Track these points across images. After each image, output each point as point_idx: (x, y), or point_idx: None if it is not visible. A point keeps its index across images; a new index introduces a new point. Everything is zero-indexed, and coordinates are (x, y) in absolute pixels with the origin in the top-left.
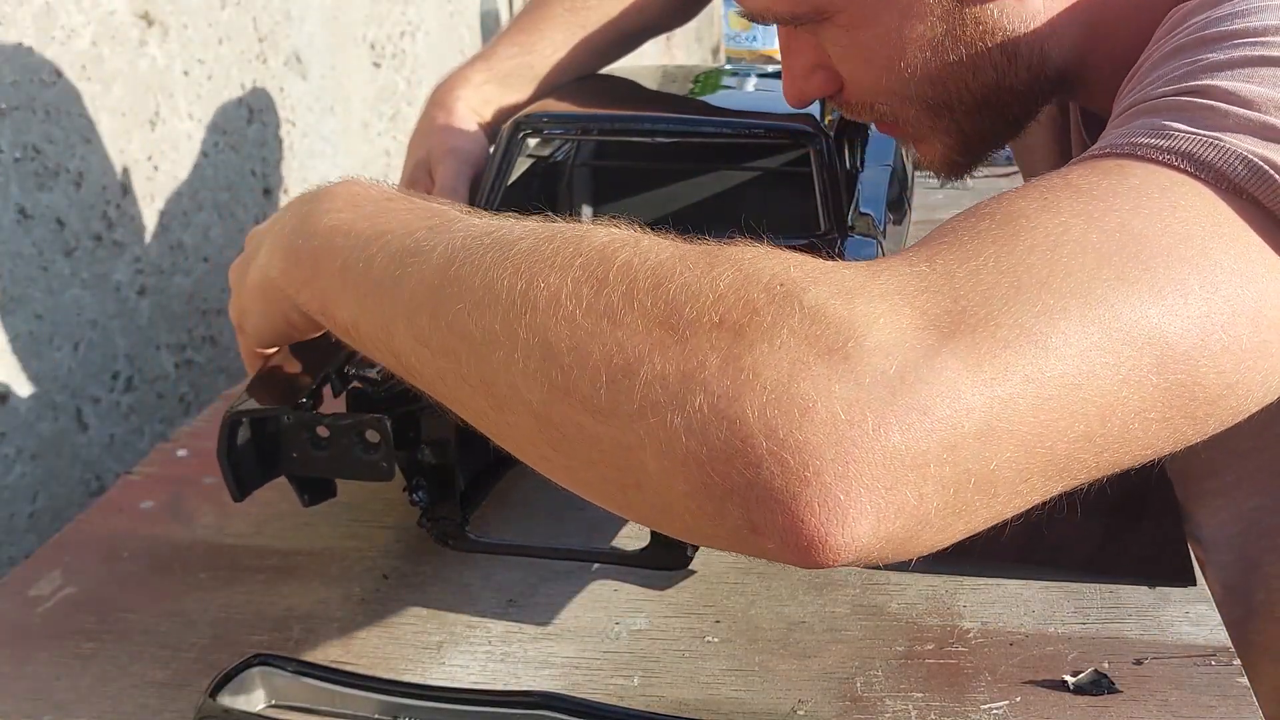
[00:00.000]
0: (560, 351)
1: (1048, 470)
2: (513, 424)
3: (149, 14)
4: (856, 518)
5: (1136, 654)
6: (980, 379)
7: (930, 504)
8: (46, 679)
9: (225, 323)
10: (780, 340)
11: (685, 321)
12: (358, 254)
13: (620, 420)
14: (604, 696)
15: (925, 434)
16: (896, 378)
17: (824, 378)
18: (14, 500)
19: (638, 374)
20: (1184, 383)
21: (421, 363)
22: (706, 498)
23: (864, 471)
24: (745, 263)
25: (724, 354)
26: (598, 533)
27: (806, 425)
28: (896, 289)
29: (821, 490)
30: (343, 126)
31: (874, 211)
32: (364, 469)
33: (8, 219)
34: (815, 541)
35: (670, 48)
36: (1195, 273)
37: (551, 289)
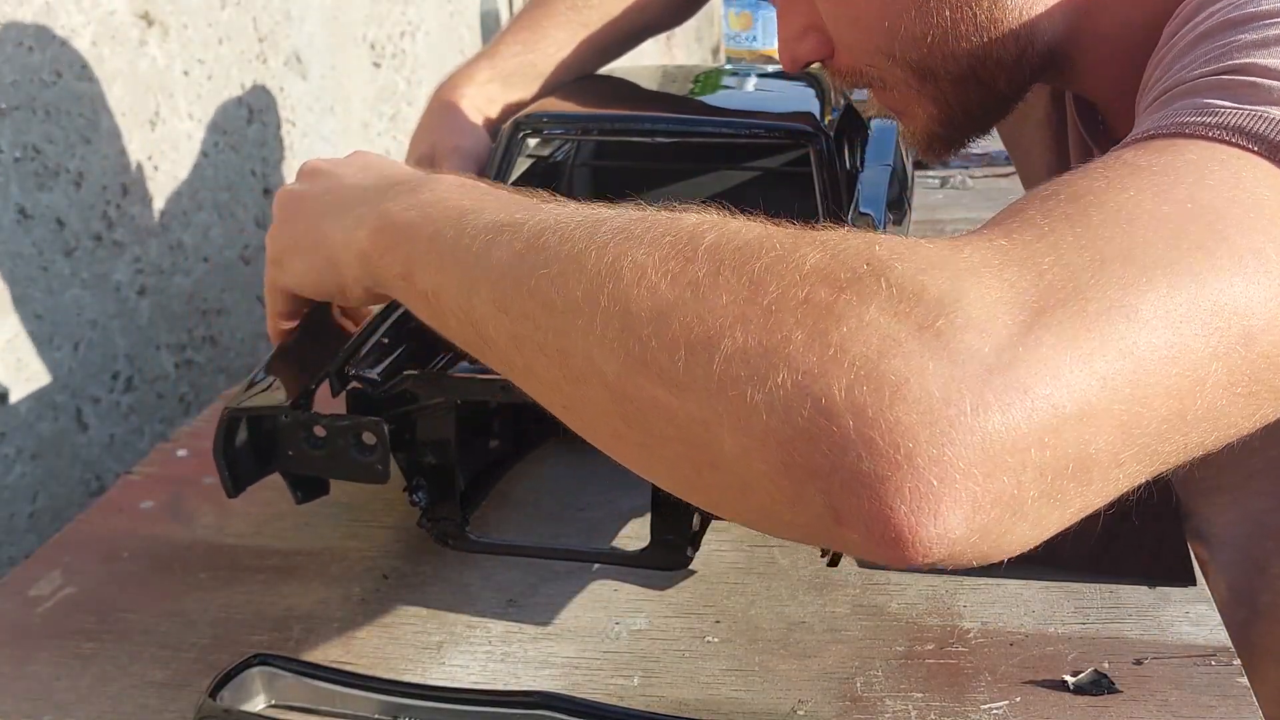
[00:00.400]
0: (640, 321)
1: (1140, 453)
2: (586, 397)
3: (149, 14)
4: (951, 507)
5: (1136, 654)
6: (1078, 355)
7: (1028, 492)
8: (46, 679)
9: (225, 322)
10: (869, 316)
11: (771, 297)
12: (451, 224)
13: (697, 394)
14: (604, 696)
15: (1026, 415)
16: (993, 355)
17: (916, 354)
18: (14, 500)
19: (719, 347)
20: (1269, 354)
21: (499, 331)
22: (786, 480)
23: (961, 455)
24: (831, 243)
25: (810, 330)
26: (598, 533)
27: (899, 404)
28: (981, 262)
29: (914, 475)
30: (343, 126)
31: (874, 211)
32: (359, 470)
33: (8, 219)
34: (904, 532)
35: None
36: (1270, 241)
37: (638, 262)
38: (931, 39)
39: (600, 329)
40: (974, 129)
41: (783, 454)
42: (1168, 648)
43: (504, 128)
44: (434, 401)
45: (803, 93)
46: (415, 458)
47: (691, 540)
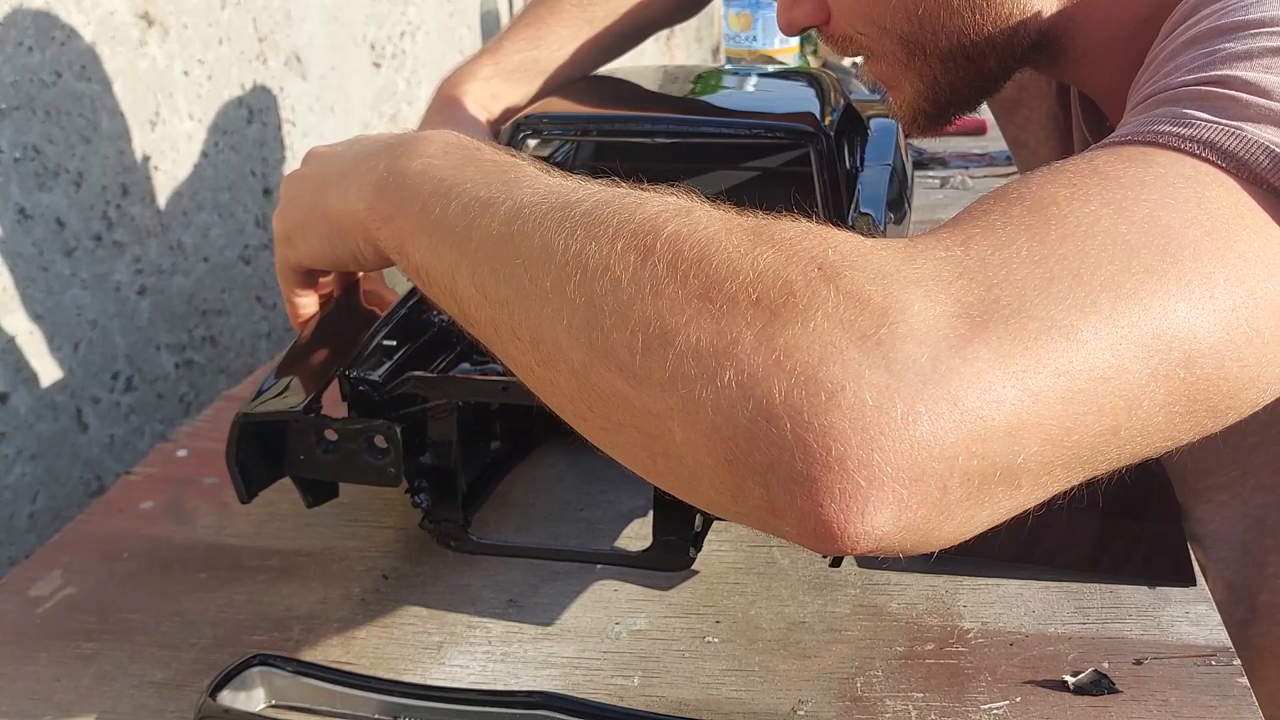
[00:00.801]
0: (603, 314)
1: (1071, 463)
2: (554, 381)
3: (149, 14)
4: (877, 506)
5: (1136, 654)
6: (1011, 371)
7: (953, 495)
8: (46, 679)
9: (225, 322)
10: (814, 323)
11: (724, 296)
12: (437, 199)
13: (652, 387)
14: (604, 696)
15: (954, 426)
16: (928, 366)
17: (855, 362)
18: (14, 500)
19: (673, 344)
20: (1210, 376)
21: (479, 311)
22: (729, 473)
23: (889, 460)
24: (787, 242)
25: (758, 332)
26: (598, 533)
27: (832, 409)
28: (932, 274)
29: (844, 476)
30: (343, 126)
31: (874, 211)
32: (371, 473)
33: (8, 219)
34: (833, 528)
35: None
36: (1221, 266)
37: (601, 254)
38: (923, 12)
39: (567, 319)
40: (960, 107)
41: (725, 449)
42: (1168, 648)
43: (504, 129)
44: (436, 403)
45: (803, 93)
46: (418, 459)
47: (694, 541)
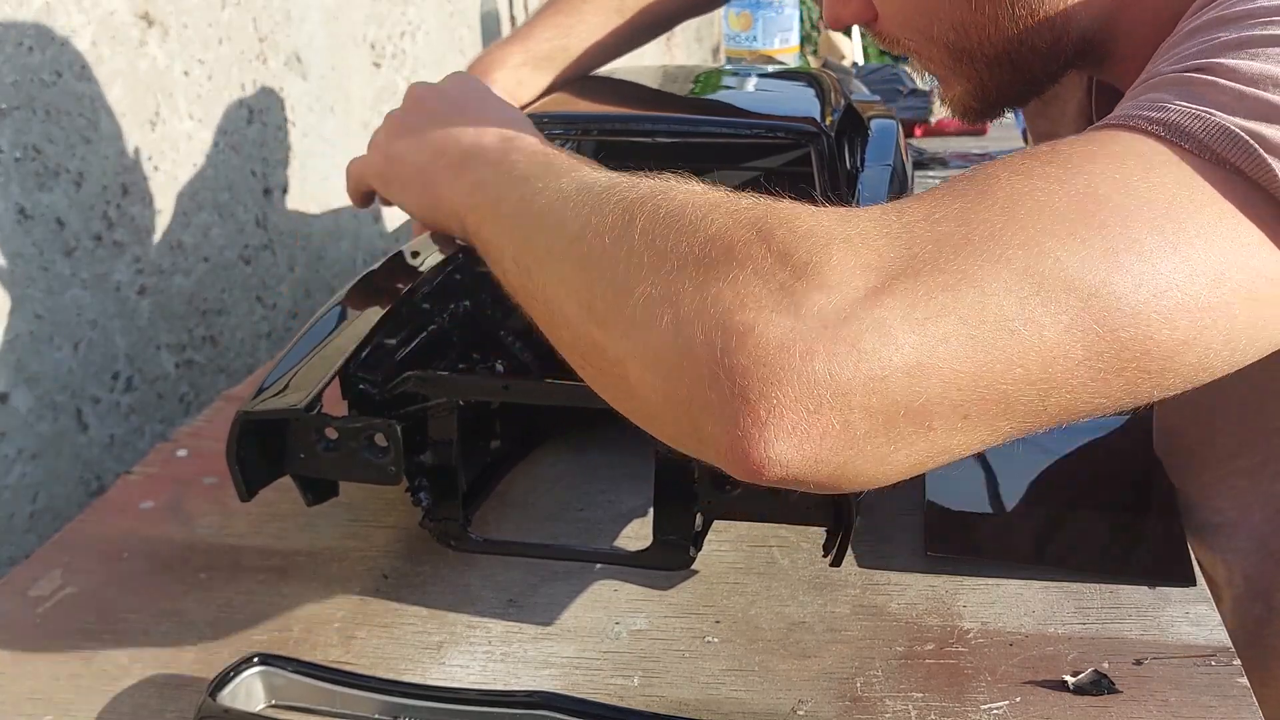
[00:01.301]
0: (589, 271)
1: (989, 409)
2: (561, 338)
3: (149, 14)
4: (777, 435)
5: (1136, 654)
6: (914, 317)
7: (858, 430)
8: (46, 679)
9: (225, 322)
10: (742, 275)
11: (678, 255)
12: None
13: (615, 333)
14: (604, 696)
15: (851, 365)
16: (832, 313)
17: (768, 309)
18: (14, 500)
19: (633, 294)
20: (1135, 337)
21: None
22: (668, 407)
23: (786, 393)
24: (738, 210)
25: (696, 283)
26: (598, 533)
27: (740, 350)
28: (859, 233)
29: (746, 407)
30: (343, 126)
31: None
32: (371, 472)
33: (8, 219)
34: (743, 454)
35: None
36: (1153, 233)
37: (596, 225)
38: (968, 22)
39: (568, 281)
40: (1008, 104)
41: (664, 386)
42: (1168, 648)
43: None
44: (436, 402)
45: (803, 93)
46: (418, 458)
47: (694, 541)
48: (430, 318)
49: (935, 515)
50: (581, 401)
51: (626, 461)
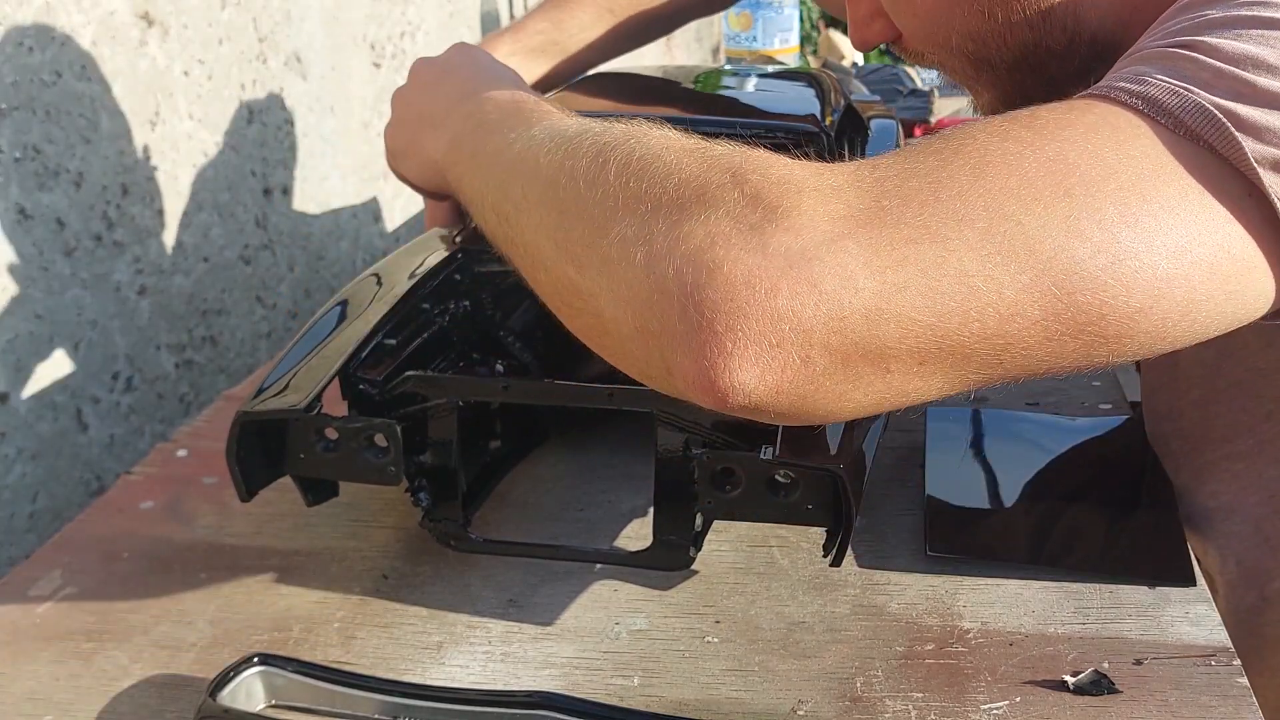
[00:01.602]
0: (565, 213)
1: (945, 358)
2: (539, 280)
3: (149, 14)
4: (740, 365)
5: (1136, 654)
6: (875, 265)
7: (818, 366)
8: (46, 679)
9: (225, 322)
10: (714, 216)
11: (651, 196)
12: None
13: (591, 271)
14: (604, 696)
15: (812, 304)
16: (798, 253)
17: (737, 247)
18: (14, 500)
19: (608, 234)
20: (1091, 303)
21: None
22: (640, 341)
23: (750, 327)
24: (714, 157)
25: (668, 222)
26: (598, 533)
27: (709, 284)
28: (831, 185)
29: (714, 337)
30: (343, 126)
31: None
32: (371, 472)
33: (8, 219)
34: (709, 382)
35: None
36: (1116, 203)
37: (572, 170)
38: (984, 34)
39: (542, 222)
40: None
41: (635, 319)
42: (1168, 648)
43: None
44: (436, 402)
45: (803, 92)
46: (418, 458)
47: (694, 541)
48: (430, 318)
49: (935, 515)
50: (581, 401)
51: (626, 461)
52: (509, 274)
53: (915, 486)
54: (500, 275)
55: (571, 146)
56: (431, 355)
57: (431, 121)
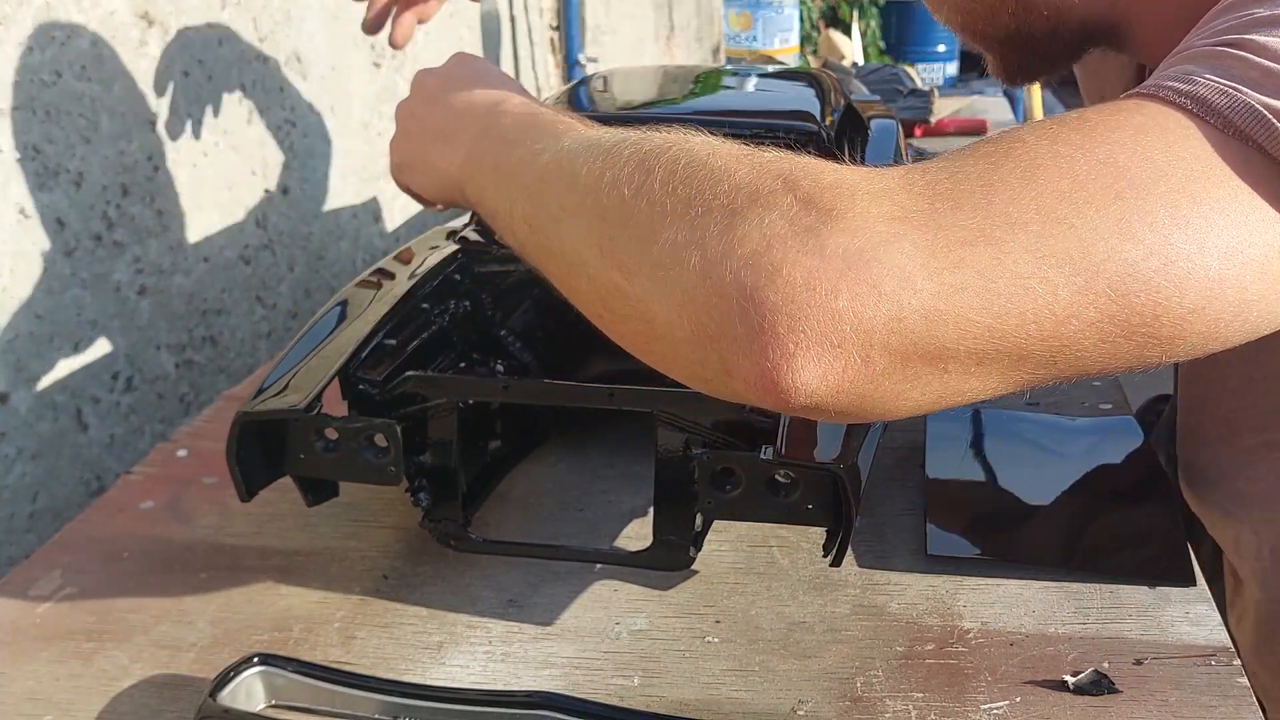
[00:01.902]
0: (610, 223)
1: (1002, 359)
2: (579, 288)
3: (149, 14)
4: (803, 365)
5: (1136, 654)
6: (932, 266)
7: (877, 366)
8: (46, 679)
9: (225, 322)
10: (769, 219)
11: (702, 202)
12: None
13: (640, 276)
14: (604, 696)
15: (872, 305)
16: (855, 254)
17: (795, 249)
18: (14, 500)
19: (658, 239)
20: (1145, 304)
21: (528, 239)
22: (695, 344)
23: (812, 328)
24: (762, 162)
25: (721, 226)
26: (598, 533)
27: (769, 286)
28: (882, 188)
29: (776, 339)
30: (343, 126)
31: None
32: (371, 472)
33: (8, 219)
34: (772, 383)
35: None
36: (1168, 205)
37: (612, 178)
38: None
39: (585, 231)
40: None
41: (692, 322)
42: (1168, 648)
43: None
44: (436, 402)
45: (803, 92)
46: (418, 459)
47: (694, 541)
48: (430, 318)
49: (935, 515)
50: (581, 401)
51: (626, 461)
52: (509, 274)
53: (915, 486)
54: (500, 275)
55: (611, 156)
56: (431, 355)
57: (441, 136)
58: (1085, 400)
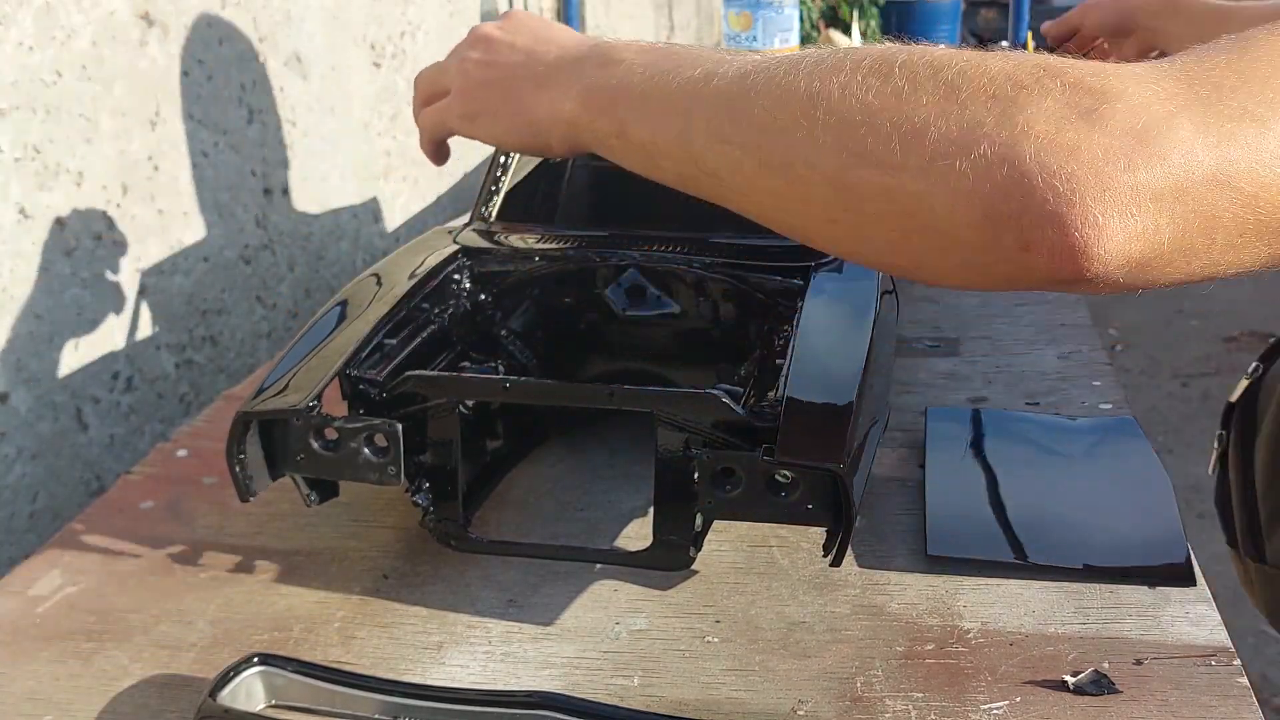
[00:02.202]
0: (855, 125)
1: (1260, 231)
2: (806, 196)
3: (149, 14)
4: (1110, 233)
5: (1136, 654)
6: (1209, 139)
7: (1164, 236)
8: (46, 679)
9: (225, 322)
10: (1046, 104)
11: (964, 96)
12: (656, 85)
13: (911, 171)
14: (604, 696)
15: (1163, 175)
16: (1141, 130)
17: (1085, 129)
18: (14, 500)
19: (926, 135)
20: None
21: (721, 158)
22: (986, 226)
23: (1117, 198)
24: (1009, 56)
25: (998, 116)
26: (598, 533)
27: (1072, 162)
28: (1138, 73)
29: (1083, 210)
30: (343, 126)
31: None
32: (371, 472)
33: (8, 219)
34: (1078, 250)
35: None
36: None
37: (843, 84)
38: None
39: (820, 138)
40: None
41: (985, 206)
42: (1168, 648)
43: None
44: (436, 402)
45: None
46: (418, 458)
47: (694, 541)
48: (430, 318)
49: (936, 515)
50: (581, 401)
51: (626, 461)
52: (509, 274)
53: (915, 486)
54: (500, 275)
55: (822, 67)
56: (431, 355)
57: (535, 79)
58: (1085, 400)
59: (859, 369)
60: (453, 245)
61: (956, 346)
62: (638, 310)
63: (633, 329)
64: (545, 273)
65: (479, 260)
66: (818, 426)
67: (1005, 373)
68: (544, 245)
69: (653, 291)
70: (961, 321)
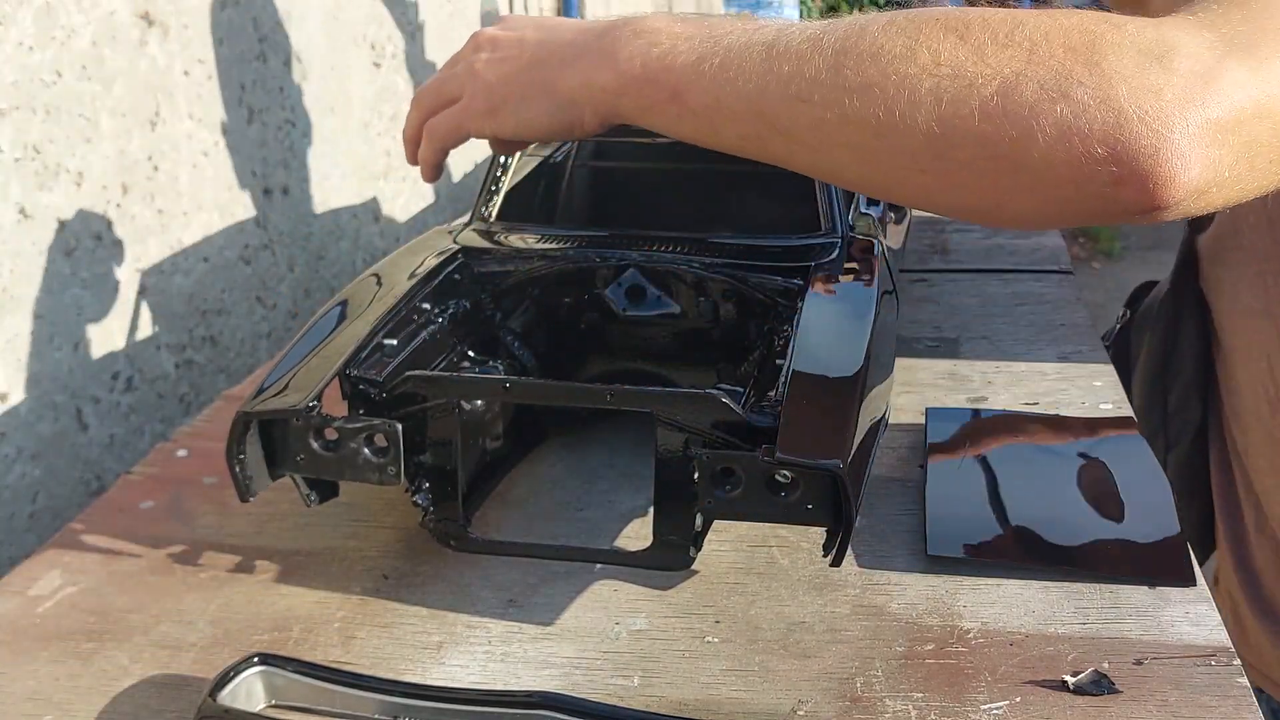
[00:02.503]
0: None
1: None
2: (895, 148)
3: (149, 14)
4: (1191, 163)
5: (1136, 654)
6: (1253, 79)
7: (1224, 164)
8: (46, 679)
9: (225, 322)
10: (1125, 52)
11: (1044, 50)
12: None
13: (1010, 118)
14: (604, 696)
15: (1228, 110)
16: (1205, 73)
17: (1163, 73)
18: (14, 500)
19: (1021, 84)
20: None
21: (796, 116)
22: (1082, 164)
23: (1197, 133)
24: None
25: (1085, 63)
26: (598, 533)
27: (1160, 102)
28: (1183, 23)
29: (1173, 144)
30: (343, 126)
31: (874, 211)
32: (371, 472)
33: (8, 219)
34: (1165, 180)
35: None
36: None
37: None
38: None
39: (910, 91)
40: None
41: (1084, 145)
42: (1168, 648)
43: None
44: (436, 402)
45: None
46: (418, 458)
47: (694, 541)
48: (430, 318)
49: (936, 515)
50: (581, 401)
51: (626, 461)
52: (509, 274)
53: (915, 486)
54: (500, 275)
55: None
56: (431, 355)
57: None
58: (1085, 400)
59: (859, 369)
60: (453, 245)
61: (956, 346)
62: (637, 310)
63: (632, 329)
64: (545, 273)
65: (479, 260)
66: (818, 426)
67: (1005, 373)
68: (544, 245)
69: (652, 291)
70: (961, 321)
